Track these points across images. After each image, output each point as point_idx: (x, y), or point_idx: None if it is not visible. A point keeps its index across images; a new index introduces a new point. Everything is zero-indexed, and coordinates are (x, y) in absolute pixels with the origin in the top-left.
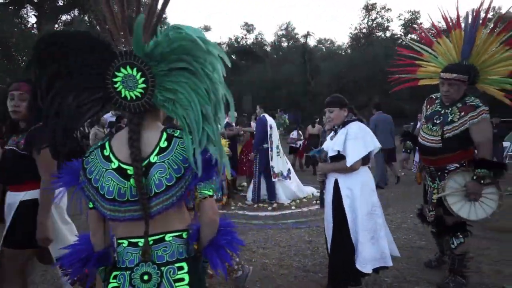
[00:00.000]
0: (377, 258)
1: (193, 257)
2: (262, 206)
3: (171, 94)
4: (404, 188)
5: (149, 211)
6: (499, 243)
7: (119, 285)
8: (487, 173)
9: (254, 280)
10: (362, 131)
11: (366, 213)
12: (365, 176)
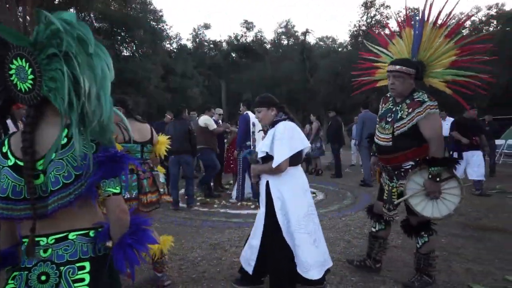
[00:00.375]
0: (321, 262)
1: (102, 256)
2: (245, 205)
3: (52, 83)
4: None
5: (46, 209)
6: (475, 242)
7: (15, 286)
8: (440, 169)
9: (219, 279)
10: (288, 131)
11: (303, 215)
12: (296, 177)
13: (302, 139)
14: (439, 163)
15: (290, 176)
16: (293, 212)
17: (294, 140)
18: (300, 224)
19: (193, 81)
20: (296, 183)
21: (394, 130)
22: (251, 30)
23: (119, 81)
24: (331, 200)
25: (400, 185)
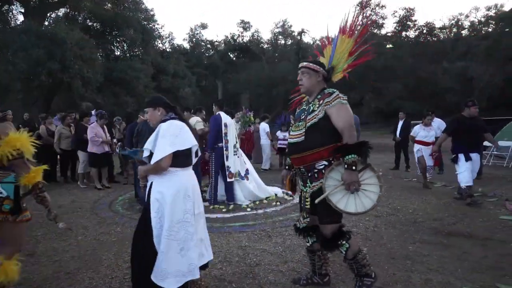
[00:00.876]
0: (183, 273)
1: None
2: (218, 208)
3: None
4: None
5: None
6: (443, 249)
7: None
8: (355, 157)
9: None
10: (173, 128)
11: (177, 221)
12: (182, 180)
13: (188, 139)
14: (353, 150)
15: (175, 178)
16: (168, 216)
17: (179, 138)
18: (172, 230)
19: (185, 81)
20: (180, 186)
21: (306, 124)
22: (248, 30)
23: (108, 81)
24: None
25: (313, 187)
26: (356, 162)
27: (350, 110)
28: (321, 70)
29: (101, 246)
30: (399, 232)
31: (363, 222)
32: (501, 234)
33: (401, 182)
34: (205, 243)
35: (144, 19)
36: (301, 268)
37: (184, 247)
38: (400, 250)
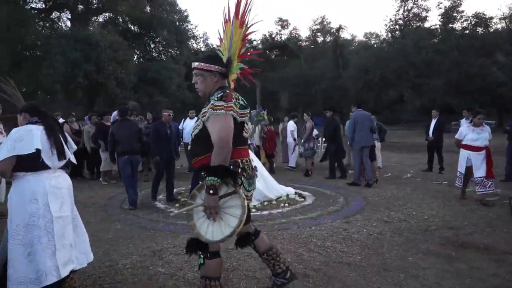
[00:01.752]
0: (31, 279)
1: None
2: None
3: None
4: (393, 191)
5: None
6: (447, 263)
7: None
8: (215, 180)
9: None
10: (18, 133)
11: (23, 224)
12: (30, 184)
13: (33, 143)
14: (213, 172)
15: (22, 182)
16: (13, 221)
17: (22, 143)
18: (18, 234)
19: None
20: (26, 190)
21: (193, 131)
22: (286, 28)
23: (143, 81)
24: (318, 205)
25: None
26: (215, 186)
27: (224, 120)
28: (215, 68)
29: (94, 242)
30: (405, 241)
31: (368, 228)
32: None
33: (428, 185)
34: (78, 249)
35: (178, 20)
36: None
37: (31, 251)
38: (398, 261)
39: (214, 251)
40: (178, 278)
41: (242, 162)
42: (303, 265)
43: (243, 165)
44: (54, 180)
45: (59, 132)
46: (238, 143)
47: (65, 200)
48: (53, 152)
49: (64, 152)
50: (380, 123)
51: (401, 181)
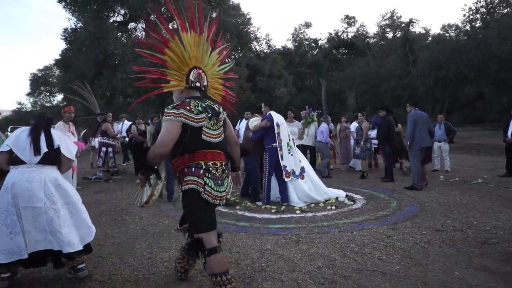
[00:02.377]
0: (13, 251)
1: None
2: (269, 208)
3: None
4: (456, 198)
5: None
6: (502, 282)
7: None
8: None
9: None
10: (14, 134)
11: (4, 209)
12: (10, 176)
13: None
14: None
15: (8, 173)
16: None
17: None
18: (1, 216)
19: (281, 81)
20: (7, 181)
21: None
22: (353, 25)
23: None
24: (366, 209)
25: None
26: (143, 172)
27: (169, 125)
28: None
29: (142, 235)
30: (455, 253)
31: (415, 236)
32: None
33: (502, 192)
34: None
35: (240, 24)
36: (305, 280)
37: (12, 231)
38: (441, 275)
39: (210, 248)
40: (207, 275)
41: (206, 164)
42: (333, 271)
43: (207, 167)
44: (27, 174)
45: (45, 133)
46: (198, 146)
47: (36, 192)
48: (31, 148)
49: (39, 149)
50: (449, 124)
51: (469, 186)
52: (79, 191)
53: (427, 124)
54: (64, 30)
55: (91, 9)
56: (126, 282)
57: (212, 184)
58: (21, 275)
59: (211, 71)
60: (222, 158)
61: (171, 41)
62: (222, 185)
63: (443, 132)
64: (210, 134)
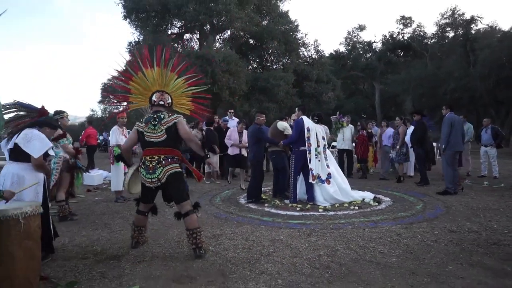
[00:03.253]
0: None
1: None
2: (294, 206)
3: None
4: (489, 203)
5: None
6: (490, 276)
7: None
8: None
9: (170, 259)
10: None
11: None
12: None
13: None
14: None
15: None
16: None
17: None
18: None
19: (329, 86)
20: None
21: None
22: (409, 26)
23: (254, 89)
24: (389, 210)
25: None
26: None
27: (132, 131)
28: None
29: (176, 225)
30: (458, 251)
31: (426, 235)
32: None
33: None
34: None
35: (288, 30)
36: (303, 264)
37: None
38: (434, 267)
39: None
40: (221, 256)
41: (144, 158)
42: (332, 259)
43: (144, 160)
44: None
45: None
46: (143, 145)
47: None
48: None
49: (8, 144)
50: (497, 127)
51: (509, 193)
52: None
53: (461, 128)
54: (128, 43)
55: (151, 23)
56: (155, 258)
57: (144, 172)
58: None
59: (177, 92)
60: (161, 153)
61: (134, 76)
62: (153, 173)
63: (490, 136)
64: (152, 136)
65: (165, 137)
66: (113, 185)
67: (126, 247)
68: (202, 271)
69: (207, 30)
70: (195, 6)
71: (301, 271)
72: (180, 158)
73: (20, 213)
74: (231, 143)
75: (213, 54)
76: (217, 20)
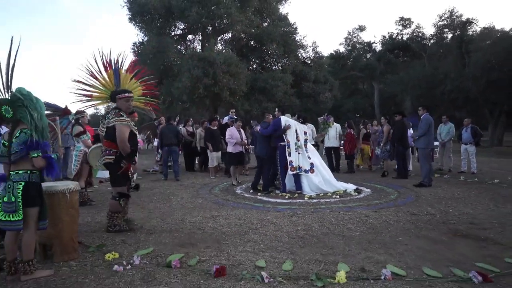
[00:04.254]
0: None
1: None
2: (283, 195)
3: (21, 114)
4: (456, 193)
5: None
6: (430, 244)
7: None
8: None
9: (176, 233)
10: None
11: None
12: None
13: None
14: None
15: None
16: None
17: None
18: None
19: (326, 86)
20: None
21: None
22: (408, 27)
23: (253, 89)
24: (366, 198)
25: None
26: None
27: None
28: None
29: (180, 208)
30: (411, 228)
31: (390, 217)
32: None
33: (507, 191)
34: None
35: (288, 33)
36: (282, 235)
37: None
38: (387, 238)
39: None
40: (217, 230)
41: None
42: (307, 232)
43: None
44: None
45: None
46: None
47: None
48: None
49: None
50: (475, 127)
51: (480, 185)
52: (139, 180)
53: (433, 128)
54: (133, 44)
55: (155, 26)
56: (163, 231)
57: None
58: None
59: (134, 91)
60: (105, 145)
61: (98, 76)
62: (99, 160)
63: (469, 135)
64: (102, 130)
65: (106, 133)
66: None
67: (140, 224)
68: (202, 240)
69: (209, 32)
70: (198, 9)
71: (280, 240)
72: (118, 151)
73: (66, 189)
74: (234, 142)
75: (214, 56)
76: (219, 23)
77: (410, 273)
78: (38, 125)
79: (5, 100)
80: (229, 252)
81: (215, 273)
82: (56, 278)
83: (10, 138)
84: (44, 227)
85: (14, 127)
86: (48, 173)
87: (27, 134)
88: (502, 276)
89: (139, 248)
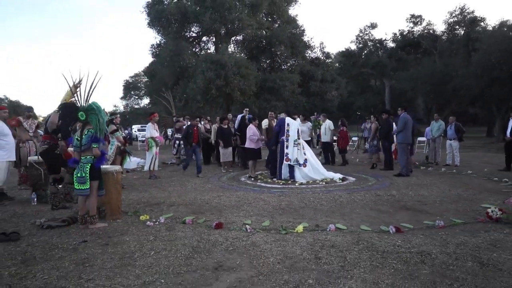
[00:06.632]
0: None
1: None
2: (278, 182)
3: (91, 118)
4: (425, 181)
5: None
6: (375, 213)
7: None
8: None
9: (183, 206)
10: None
11: None
12: None
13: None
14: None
15: None
16: None
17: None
18: None
19: (333, 85)
20: None
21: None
22: (419, 24)
23: (262, 89)
24: (347, 185)
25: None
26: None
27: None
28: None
29: (193, 190)
30: (369, 203)
31: (358, 197)
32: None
33: (470, 179)
34: None
35: (296, 35)
36: (268, 207)
37: None
38: (346, 210)
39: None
40: (220, 204)
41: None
42: (287, 206)
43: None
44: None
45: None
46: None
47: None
48: None
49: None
50: (459, 124)
51: (453, 176)
52: (160, 171)
53: (411, 126)
54: (151, 45)
55: (171, 30)
56: (180, 205)
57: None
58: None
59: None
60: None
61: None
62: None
63: (453, 131)
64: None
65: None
66: (146, 166)
67: (162, 200)
68: (208, 210)
69: (222, 34)
70: (211, 14)
71: (266, 210)
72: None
73: (114, 170)
74: (256, 139)
75: (226, 59)
76: (231, 27)
77: (350, 228)
78: (101, 128)
79: (83, 107)
80: (227, 217)
81: (215, 226)
82: (110, 228)
83: (81, 134)
84: (102, 194)
85: (83, 127)
86: (98, 163)
87: (92, 132)
88: (412, 230)
89: (162, 213)
